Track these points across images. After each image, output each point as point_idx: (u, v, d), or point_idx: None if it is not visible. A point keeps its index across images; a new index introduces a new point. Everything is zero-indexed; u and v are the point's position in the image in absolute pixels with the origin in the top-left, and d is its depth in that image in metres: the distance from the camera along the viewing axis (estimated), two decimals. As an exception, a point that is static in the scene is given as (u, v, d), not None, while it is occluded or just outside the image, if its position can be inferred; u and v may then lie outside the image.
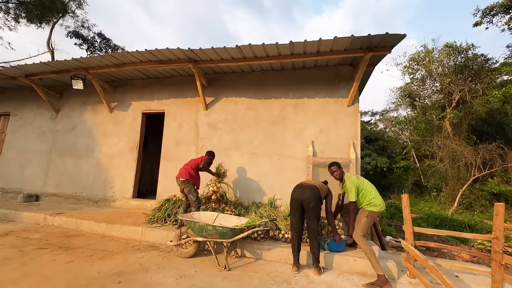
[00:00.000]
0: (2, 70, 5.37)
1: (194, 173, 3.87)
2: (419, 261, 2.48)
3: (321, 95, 4.63)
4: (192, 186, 3.74)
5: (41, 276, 2.40)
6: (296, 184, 3.09)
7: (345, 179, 3.12)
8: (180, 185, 3.77)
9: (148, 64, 4.61)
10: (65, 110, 6.18)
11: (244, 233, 2.88)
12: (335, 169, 3.17)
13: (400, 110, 18.12)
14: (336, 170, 3.17)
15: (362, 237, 2.78)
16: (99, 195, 5.53)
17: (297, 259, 2.84)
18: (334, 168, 3.18)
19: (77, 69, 5.05)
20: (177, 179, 3.79)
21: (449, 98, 13.03)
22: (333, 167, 3.18)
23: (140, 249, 3.29)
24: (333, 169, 3.18)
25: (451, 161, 11.73)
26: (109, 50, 14.83)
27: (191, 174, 3.80)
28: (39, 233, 3.82)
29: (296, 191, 2.97)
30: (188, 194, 3.71)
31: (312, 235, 2.82)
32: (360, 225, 2.84)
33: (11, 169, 6.28)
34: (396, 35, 3.29)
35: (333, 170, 3.18)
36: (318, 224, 2.93)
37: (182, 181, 3.74)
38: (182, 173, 3.79)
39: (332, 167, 3.19)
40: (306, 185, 2.99)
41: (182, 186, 3.75)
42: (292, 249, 2.89)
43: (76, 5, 13.57)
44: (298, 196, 2.89)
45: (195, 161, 3.96)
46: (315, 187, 2.94)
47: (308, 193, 2.86)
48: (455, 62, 12.52)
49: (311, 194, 2.85)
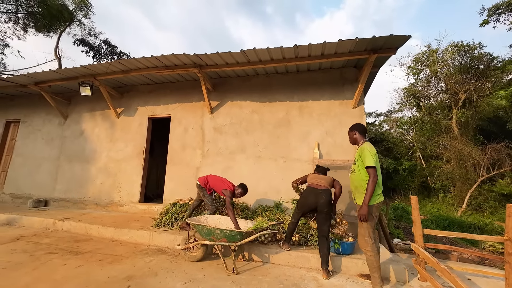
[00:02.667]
0: (13, 78, 5.51)
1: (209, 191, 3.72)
2: (430, 263, 2.44)
3: (326, 97, 4.64)
4: (205, 192, 3.74)
5: (52, 281, 2.43)
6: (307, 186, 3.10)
7: (365, 144, 2.56)
8: (197, 188, 3.81)
9: (154, 70, 4.68)
10: (73, 116, 6.30)
11: (251, 236, 2.88)
12: (354, 133, 2.70)
13: (405, 110, 17.97)
14: (353, 134, 2.70)
15: (373, 246, 2.36)
16: (106, 199, 5.58)
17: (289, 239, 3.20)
18: (353, 132, 2.72)
19: (85, 76, 5.15)
20: (197, 182, 3.81)
21: (454, 98, 12.90)
22: (352, 131, 2.72)
23: (148, 253, 3.31)
24: (352, 133, 2.73)
25: (458, 161, 11.55)
26: (114, 57, 15.10)
27: (206, 187, 3.71)
28: (49, 238, 3.87)
29: (310, 196, 2.96)
30: (204, 198, 3.73)
31: (323, 237, 2.84)
32: (363, 227, 2.39)
33: (21, 174, 6.40)
34: (400, 36, 3.29)
35: (352, 134, 2.73)
36: (330, 226, 2.94)
37: (198, 185, 3.76)
38: (203, 180, 3.74)
39: (351, 131, 2.74)
40: (320, 189, 2.96)
41: (198, 189, 3.79)
42: (287, 232, 3.19)
43: (83, 14, 13.90)
44: (312, 203, 2.92)
45: (217, 183, 3.63)
46: (328, 191, 2.96)
47: (324, 200, 2.87)
48: (460, 62, 12.41)
49: (326, 200, 2.87)
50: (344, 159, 4.25)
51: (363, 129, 2.70)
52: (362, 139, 2.66)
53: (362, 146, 2.53)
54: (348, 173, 4.10)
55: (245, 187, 3.65)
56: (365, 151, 2.43)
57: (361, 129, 2.70)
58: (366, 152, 2.42)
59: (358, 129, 2.69)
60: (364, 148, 2.47)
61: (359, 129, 2.70)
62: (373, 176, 2.33)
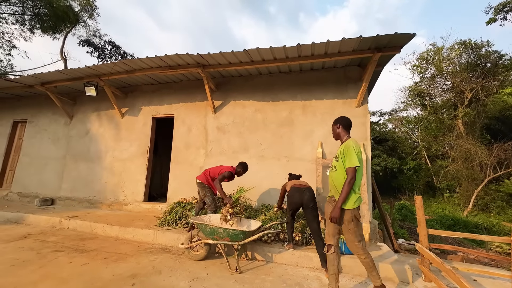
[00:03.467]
0: (20, 79, 5.61)
1: (212, 181, 3.78)
2: (434, 264, 2.42)
3: (329, 96, 4.61)
4: (208, 190, 3.72)
5: (59, 278, 2.47)
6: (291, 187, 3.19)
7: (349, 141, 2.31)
8: (197, 186, 3.80)
9: (158, 70, 4.71)
10: (78, 116, 6.38)
11: (254, 235, 2.88)
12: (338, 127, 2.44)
13: (410, 109, 17.80)
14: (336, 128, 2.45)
15: (364, 248, 2.27)
16: (111, 198, 5.65)
17: (292, 238, 3.25)
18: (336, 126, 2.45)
19: (90, 76, 5.21)
20: (196, 180, 3.81)
21: (460, 97, 12.72)
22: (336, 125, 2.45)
23: (153, 252, 3.34)
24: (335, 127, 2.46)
25: (464, 161, 11.41)
26: (119, 57, 15.25)
27: (209, 182, 3.75)
28: (55, 236, 3.94)
29: (295, 194, 3.09)
30: (204, 198, 3.72)
31: (316, 236, 2.88)
32: (351, 232, 2.25)
33: (28, 174, 6.51)
34: (405, 34, 3.25)
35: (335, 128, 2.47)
36: (319, 224, 2.99)
37: (198, 183, 3.75)
38: (202, 177, 3.76)
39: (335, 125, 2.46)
40: (303, 187, 3.12)
41: (198, 188, 3.77)
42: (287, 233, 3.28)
43: (88, 15, 14.05)
44: (298, 200, 3.05)
45: (216, 170, 3.76)
46: (310, 188, 3.12)
47: (308, 196, 3.02)
48: (467, 60, 12.23)
49: (310, 196, 3.02)
50: (347, 158, 4.22)
51: (347, 123, 2.44)
52: (346, 135, 2.42)
53: (347, 143, 2.29)
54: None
55: (245, 164, 3.80)
56: (350, 148, 2.20)
57: (345, 123, 2.43)
58: (351, 150, 2.19)
59: (342, 123, 2.43)
60: (349, 145, 2.24)
61: (343, 123, 2.43)
62: (351, 177, 2.14)
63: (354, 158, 2.15)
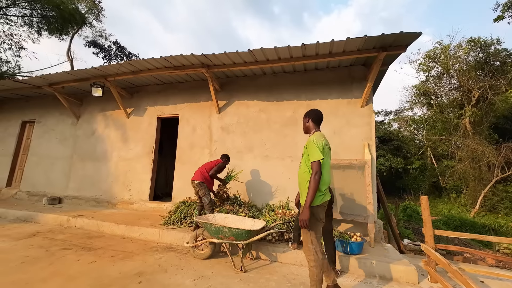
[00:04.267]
0: (29, 80, 5.72)
1: (209, 177, 3.93)
2: (441, 265, 2.40)
3: (333, 96, 4.60)
4: (206, 189, 3.80)
5: (67, 275, 2.53)
6: None
7: (312, 135, 2.18)
8: (195, 188, 3.84)
9: (163, 71, 4.75)
10: (85, 116, 6.47)
11: (259, 235, 2.90)
12: (307, 120, 2.32)
13: (415, 109, 17.58)
14: (306, 121, 2.32)
15: (316, 255, 1.95)
16: (117, 197, 5.72)
17: (297, 238, 3.25)
18: (306, 119, 2.33)
19: (96, 77, 5.28)
20: (192, 181, 3.87)
21: (468, 96, 12.53)
22: (306, 118, 2.32)
23: (158, 251, 3.39)
24: (305, 120, 2.34)
25: (471, 161, 11.24)
26: (124, 58, 15.41)
27: (205, 177, 3.86)
28: (63, 234, 4.01)
29: None
30: (202, 197, 3.77)
31: (327, 235, 2.81)
32: (308, 232, 1.99)
33: (36, 173, 6.63)
34: (411, 33, 3.22)
35: (305, 121, 2.34)
36: (331, 224, 2.91)
37: (197, 184, 3.81)
38: (197, 176, 3.86)
39: (305, 118, 2.33)
40: None
41: (197, 189, 3.81)
42: (294, 231, 3.30)
43: (94, 17, 14.24)
44: None
45: (210, 164, 4.03)
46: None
47: None
48: (475, 58, 12.02)
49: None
50: (352, 158, 4.20)
51: (317, 117, 2.27)
52: (314, 128, 2.25)
53: (309, 137, 2.15)
54: (356, 173, 4.08)
55: (227, 155, 4.24)
56: (310, 142, 2.05)
57: (315, 116, 2.27)
58: (311, 144, 2.03)
59: (311, 116, 2.28)
60: (310, 139, 2.08)
61: (311, 115, 2.27)
62: (315, 172, 1.93)
63: (315, 151, 1.97)
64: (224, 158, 4.17)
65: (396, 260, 2.97)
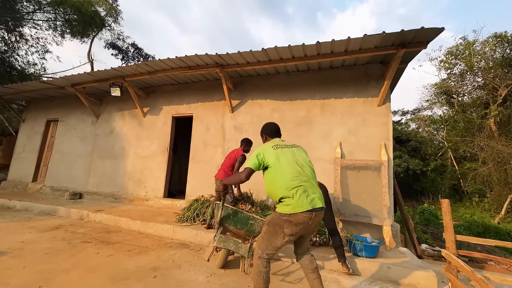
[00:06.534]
0: (53, 81, 6.03)
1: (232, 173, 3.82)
2: (463, 272, 2.28)
3: (349, 95, 4.49)
4: (230, 187, 3.68)
5: (87, 267, 2.64)
6: None
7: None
8: (217, 185, 3.81)
9: (178, 70, 4.85)
10: (104, 115, 6.74)
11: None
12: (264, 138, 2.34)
13: (435, 108, 16.82)
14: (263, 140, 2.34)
15: (261, 259, 1.83)
16: (133, 194, 5.91)
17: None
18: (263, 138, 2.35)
19: (115, 78, 5.48)
20: (216, 179, 3.85)
21: (493, 94, 11.82)
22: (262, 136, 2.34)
23: (172, 247, 3.46)
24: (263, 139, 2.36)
25: (496, 163, 10.61)
26: (141, 59, 15.90)
27: (228, 175, 3.78)
28: (83, 228, 4.20)
29: None
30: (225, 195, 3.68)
31: (332, 233, 2.91)
32: (260, 236, 1.95)
33: (59, 169, 6.99)
34: (432, 29, 3.08)
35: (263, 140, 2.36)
36: (333, 219, 2.99)
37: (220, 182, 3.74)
38: (221, 174, 3.80)
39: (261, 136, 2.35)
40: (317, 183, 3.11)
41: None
42: None
43: (112, 19, 14.79)
44: None
45: (229, 161, 3.84)
46: (323, 185, 3.09)
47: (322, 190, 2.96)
48: (502, 54, 11.31)
49: (324, 191, 2.99)
50: (367, 159, 4.09)
51: (271, 129, 2.29)
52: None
53: None
54: (372, 174, 3.97)
55: (246, 140, 3.92)
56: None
57: (267, 130, 2.29)
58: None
59: (264, 132, 2.31)
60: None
61: (264, 131, 2.31)
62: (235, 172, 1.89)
63: (248, 161, 2.04)
64: (244, 145, 3.86)
65: (413, 265, 2.86)
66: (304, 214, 1.74)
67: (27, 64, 12.36)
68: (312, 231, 2.07)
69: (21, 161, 7.68)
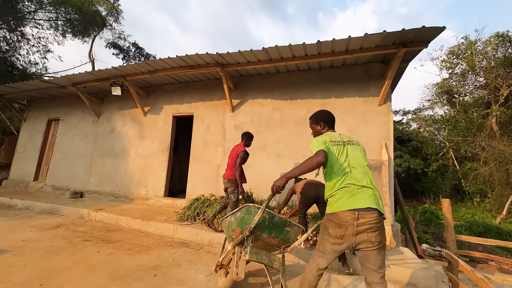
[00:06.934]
0: (55, 80, 6.05)
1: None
2: (464, 272, 2.28)
3: (349, 94, 4.49)
4: (236, 186, 3.65)
5: (88, 266, 2.65)
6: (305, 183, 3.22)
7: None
8: (225, 184, 3.74)
9: (179, 70, 4.85)
10: (105, 115, 6.75)
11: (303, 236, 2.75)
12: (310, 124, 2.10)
13: (436, 108, 16.77)
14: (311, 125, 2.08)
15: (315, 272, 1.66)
16: (134, 193, 5.93)
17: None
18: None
19: (115, 77, 5.49)
20: (223, 178, 3.79)
21: (495, 94, 11.77)
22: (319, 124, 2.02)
23: (173, 245, 3.47)
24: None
25: (497, 163, 10.57)
26: (142, 58, 15.90)
27: (234, 174, 3.69)
28: (84, 226, 4.21)
29: (311, 189, 3.14)
30: (230, 194, 3.65)
31: None
32: (317, 243, 1.75)
33: (60, 168, 7.01)
34: (433, 28, 3.07)
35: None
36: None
37: (227, 181, 3.69)
38: (228, 173, 3.74)
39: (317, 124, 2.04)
40: (318, 182, 3.14)
41: (226, 185, 3.70)
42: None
43: (113, 19, 14.81)
44: (314, 194, 3.08)
45: (232, 160, 3.71)
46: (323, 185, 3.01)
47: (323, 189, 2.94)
48: (504, 54, 11.26)
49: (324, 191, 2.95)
50: (368, 158, 4.08)
51: (324, 118, 2.07)
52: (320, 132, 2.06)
53: None
54: (372, 173, 3.95)
55: (247, 133, 3.78)
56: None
57: (323, 118, 2.07)
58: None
59: (321, 120, 2.07)
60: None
61: (322, 119, 2.07)
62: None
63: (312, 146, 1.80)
64: (245, 139, 3.72)
65: (414, 265, 2.85)
66: (347, 213, 1.53)
67: (28, 63, 12.40)
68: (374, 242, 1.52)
69: (22, 160, 7.71)
